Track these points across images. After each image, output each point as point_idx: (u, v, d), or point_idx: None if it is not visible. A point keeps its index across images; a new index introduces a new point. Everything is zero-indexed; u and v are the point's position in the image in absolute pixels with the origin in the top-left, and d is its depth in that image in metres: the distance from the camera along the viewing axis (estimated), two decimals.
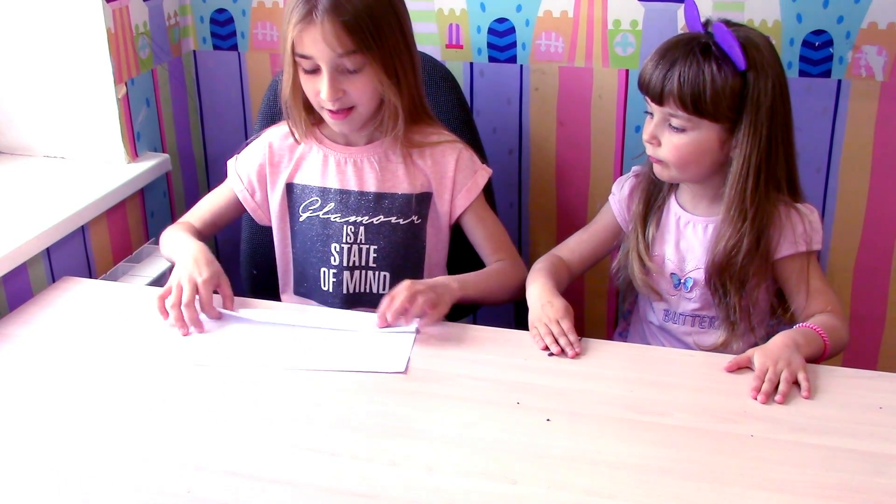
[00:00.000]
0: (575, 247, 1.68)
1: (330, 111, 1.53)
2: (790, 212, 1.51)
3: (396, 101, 1.54)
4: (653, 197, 1.61)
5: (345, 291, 1.64)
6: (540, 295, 1.51)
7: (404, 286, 1.46)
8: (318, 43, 1.46)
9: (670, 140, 1.47)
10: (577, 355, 1.39)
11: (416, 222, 1.64)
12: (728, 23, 1.45)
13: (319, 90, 1.50)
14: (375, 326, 1.46)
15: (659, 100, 1.45)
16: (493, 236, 1.69)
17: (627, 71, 1.94)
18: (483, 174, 1.68)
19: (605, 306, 2.19)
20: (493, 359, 1.39)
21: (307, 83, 1.53)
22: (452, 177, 1.64)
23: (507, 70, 2.01)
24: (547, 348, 1.41)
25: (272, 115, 1.80)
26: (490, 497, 1.10)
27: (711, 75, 1.42)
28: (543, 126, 2.05)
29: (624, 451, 1.18)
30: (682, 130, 1.46)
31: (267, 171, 1.67)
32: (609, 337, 1.89)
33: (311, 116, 1.62)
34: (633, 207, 1.63)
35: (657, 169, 1.53)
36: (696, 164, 1.48)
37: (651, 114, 1.49)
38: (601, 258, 1.71)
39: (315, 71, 1.50)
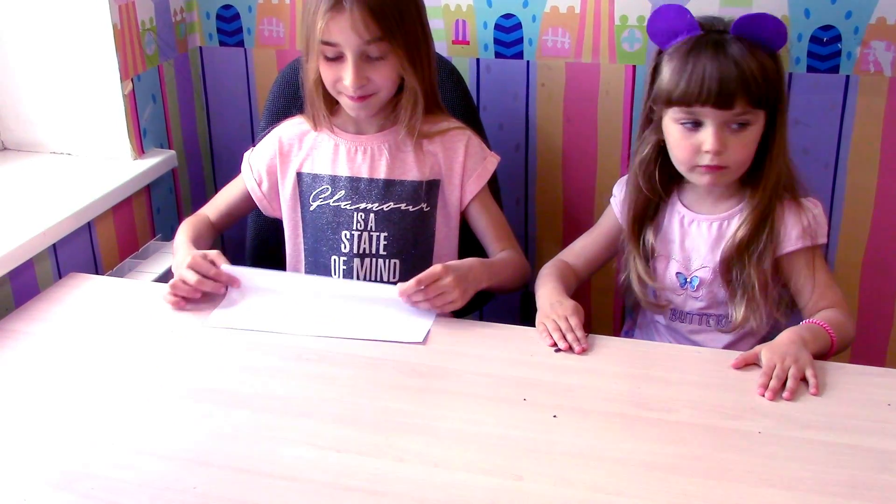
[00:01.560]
0: (580, 251, 1.67)
1: (349, 96, 1.55)
2: (794, 206, 1.50)
3: (417, 87, 1.56)
4: (652, 200, 1.58)
5: (355, 279, 1.65)
6: (549, 295, 1.51)
7: (440, 270, 1.46)
8: (346, 31, 1.48)
9: (738, 141, 1.42)
10: (583, 351, 1.39)
11: (425, 210, 1.65)
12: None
13: (341, 77, 1.53)
14: (396, 298, 1.48)
15: (728, 102, 1.39)
16: (498, 225, 1.70)
17: (635, 67, 1.94)
18: (493, 160, 1.69)
19: (612, 304, 2.18)
20: (500, 355, 1.39)
21: (327, 71, 1.55)
22: (462, 162, 1.65)
23: (514, 66, 2.01)
24: (555, 344, 1.40)
25: (278, 111, 1.80)
26: (496, 493, 1.10)
27: (764, 63, 1.40)
28: (550, 122, 2.04)
29: (630, 448, 1.17)
30: (745, 127, 1.42)
31: (277, 161, 1.69)
32: (615, 335, 1.88)
33: (327, 106, 1.64)
34: (625, 215, 1.60)
35: (714, 178, 1.46)
36: (749, 159, 1.46)
37: (693, 123, 1.43)
38: (607, 261, 1.70)
39: (338, 58, 1.52)
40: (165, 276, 1.81)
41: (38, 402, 1.29)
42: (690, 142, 1.44)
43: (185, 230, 1.66)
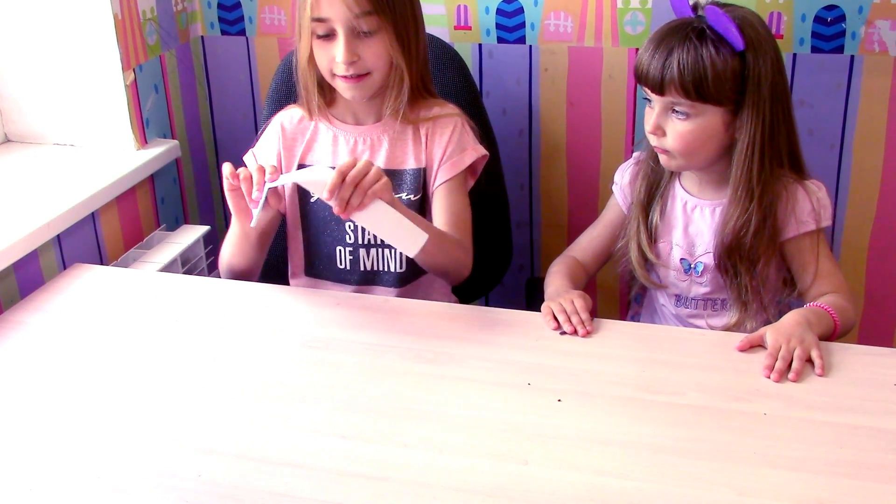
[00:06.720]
0: (587, 245, 1.67)
1: (343, 77, 1.53)
2: (797, 189, 1.49)
3: (403, 66, 1.54)
4: (655, 184, 1.59)
5: (361, 269, 1.64)
6: (557, 288, 1.52)
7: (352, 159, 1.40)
8: (336, 4, 1.47)
9: (675, 129, 1.45)
10: (588, 334, 1.39)
11: (425, 197, 1.63)
12: (717, 3, 1.44)
13: (334, 55, 1.51)
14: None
15: (660, 89, 1.43)
16: (456, 217, 1.61)
17: (637, 50, 1.93)
18: (471, 154, 1.62)
19: (618, 291, 2.18)
20: (504, 340, 1.39)
21: (321, 51, 1.53)
22: (444, 147, 1.61)
23: (516, 51, 2.00)
24: (559, 327, 1.40)
25: (280, 100, 1.80)
26: (501, 478, 1.10)
27: (711, 59, 1.40)
28: (553, 107, 2.03)
29: (635, 431, 1.17)
30: (686, 118, 1.44)
31: (282, 154, 1.67)
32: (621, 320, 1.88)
33: (322, 96, 1.62)
34: (634, 196, 1.61)
35: (663, 159, 1.51)
36: (702, 150, 1.47)
37: (649, 100, 1.48)
38: (615, 252, 1.69)
39: (330, 36, 1.51)
40: (170, 266, 1.82)
41: (42, 392, 1.29)
42: (647, 119, 1.50)
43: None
